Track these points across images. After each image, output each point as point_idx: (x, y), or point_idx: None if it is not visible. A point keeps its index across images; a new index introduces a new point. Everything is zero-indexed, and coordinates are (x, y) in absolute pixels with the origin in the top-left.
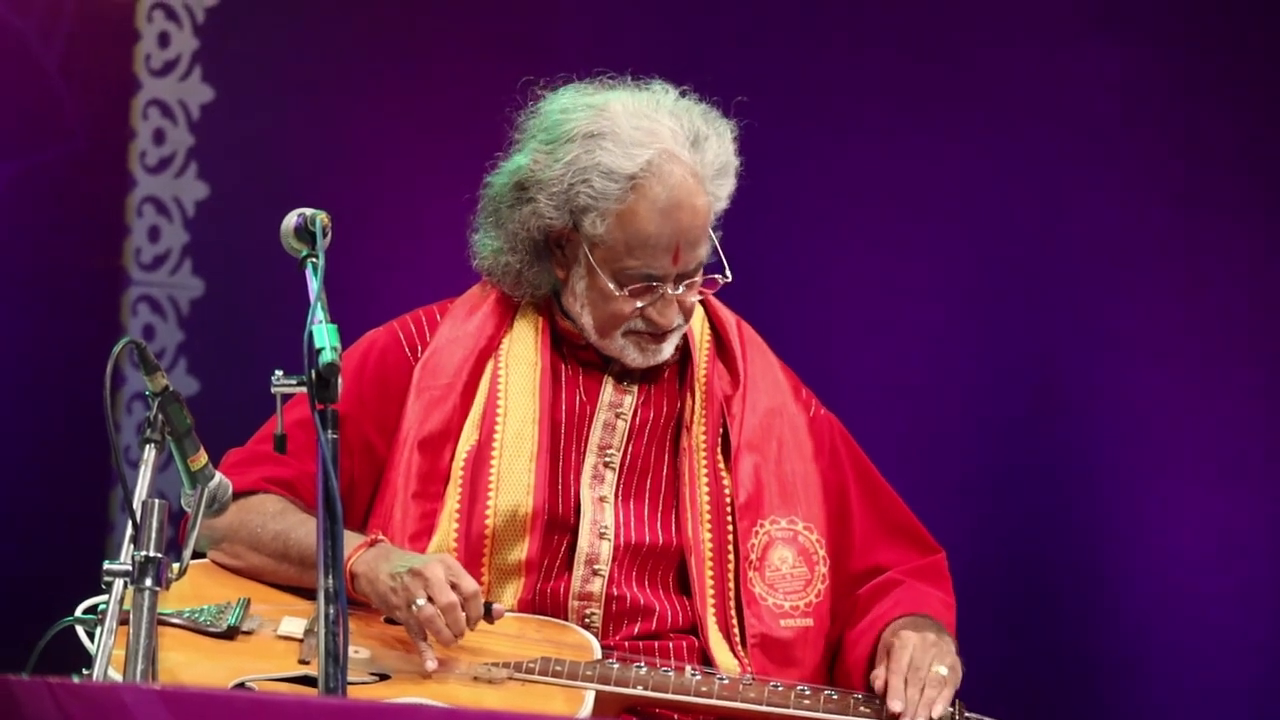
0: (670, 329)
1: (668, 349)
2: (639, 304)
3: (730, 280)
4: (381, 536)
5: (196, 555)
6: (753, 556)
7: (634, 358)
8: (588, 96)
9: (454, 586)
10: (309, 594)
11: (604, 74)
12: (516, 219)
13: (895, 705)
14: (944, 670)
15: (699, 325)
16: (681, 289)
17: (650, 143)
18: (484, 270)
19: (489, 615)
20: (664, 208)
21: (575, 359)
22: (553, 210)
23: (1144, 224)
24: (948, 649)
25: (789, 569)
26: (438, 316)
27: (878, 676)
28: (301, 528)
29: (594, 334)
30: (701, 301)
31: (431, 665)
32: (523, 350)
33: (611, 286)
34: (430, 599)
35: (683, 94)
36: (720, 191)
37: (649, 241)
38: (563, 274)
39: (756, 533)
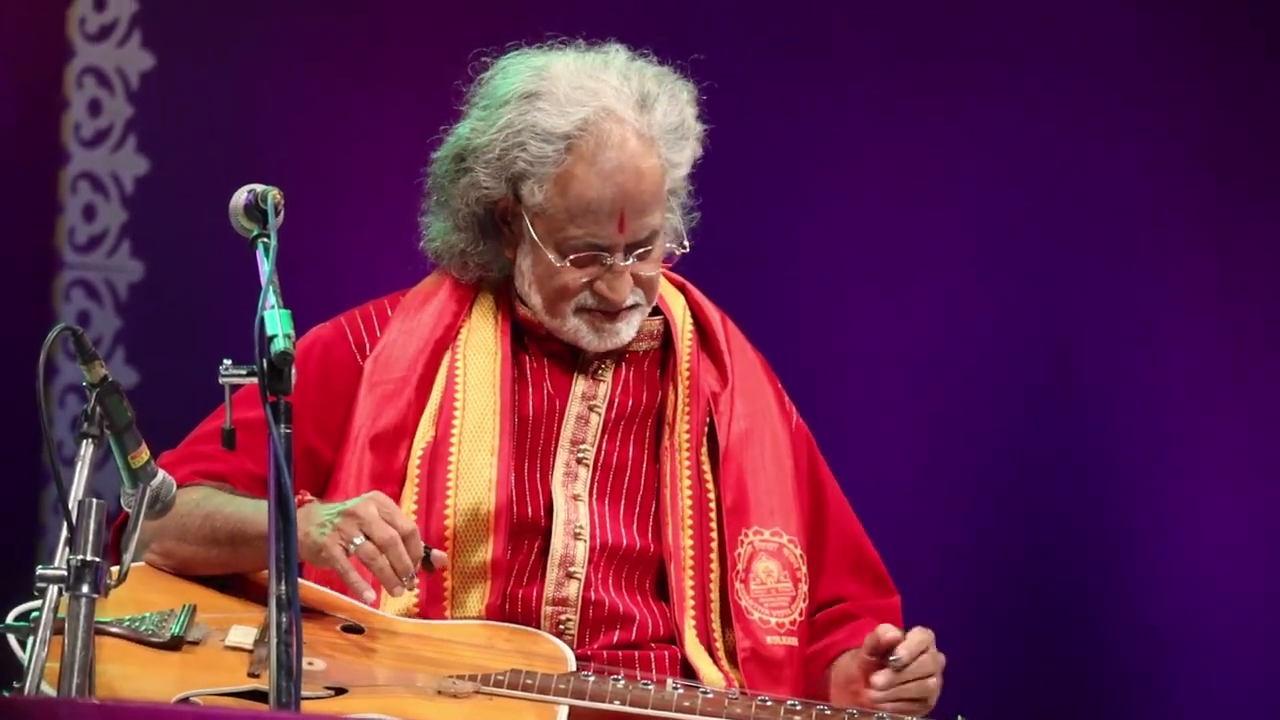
0: (622, 304)
1: (625, 330)
2: (585, 276)
3: (687, 250)
4: (310, 497)
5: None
6: (739, 567)
7: (588, 339)
8: (531, 58)
9: (389, 524)
10: (260, 600)
11: (557, 38)
12: (458, 193)
13: (902, 652)
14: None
15: (681, 314)
16: (632, 260)
17: (588, 101)
18: (433, 253)
19: (428, 562)
20: (603, 170)
21: (540, 350)
22: (490, 179)
23: (1172, 189)
24: None
25: (774, 583)
26: (388, 310)
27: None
28: (228, 506)
29: (545, 315)
30: (683, 290)
31: (370, 596)
32: (481, 340)
33: (553, 258)
34: (368, 537)
35: (639, 55)
36: (676, 155)
37: (589, 207)
38: (511, 254)
39: (741, 541)
